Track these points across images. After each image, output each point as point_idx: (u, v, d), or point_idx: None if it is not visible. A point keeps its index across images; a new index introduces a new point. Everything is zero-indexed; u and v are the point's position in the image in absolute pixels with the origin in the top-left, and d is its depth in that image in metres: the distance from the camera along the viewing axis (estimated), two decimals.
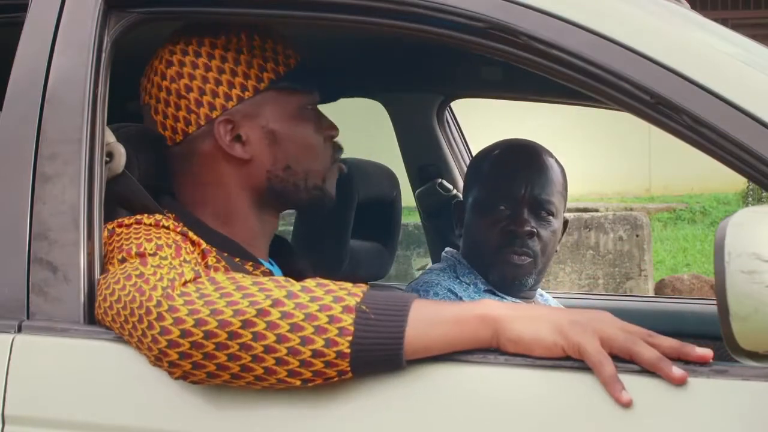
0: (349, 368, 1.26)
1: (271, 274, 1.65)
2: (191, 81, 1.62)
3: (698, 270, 8.36)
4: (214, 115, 1.62)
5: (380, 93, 2.75)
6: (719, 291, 1.15)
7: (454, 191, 2.70)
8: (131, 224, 1.52)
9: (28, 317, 1.43)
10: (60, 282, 1.43)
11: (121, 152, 1.57)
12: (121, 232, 1.50)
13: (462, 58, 2.27)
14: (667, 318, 2.63)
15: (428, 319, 1.27)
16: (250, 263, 1.62)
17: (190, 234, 1.55)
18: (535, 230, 2.08)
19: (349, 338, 1.25)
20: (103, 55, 1.53)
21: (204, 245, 1.56)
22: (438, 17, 1.40)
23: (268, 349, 1.26)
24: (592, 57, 1.33)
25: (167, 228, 1.52)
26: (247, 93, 1.62)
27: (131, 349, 1.37)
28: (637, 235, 6.96)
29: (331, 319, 1.26)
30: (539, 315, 1.26)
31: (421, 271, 2.70)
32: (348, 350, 1.25)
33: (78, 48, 1.52)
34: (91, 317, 1.42)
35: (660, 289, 7.13)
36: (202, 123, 1.62)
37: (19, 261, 1.45)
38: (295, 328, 1.25)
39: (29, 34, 1.55)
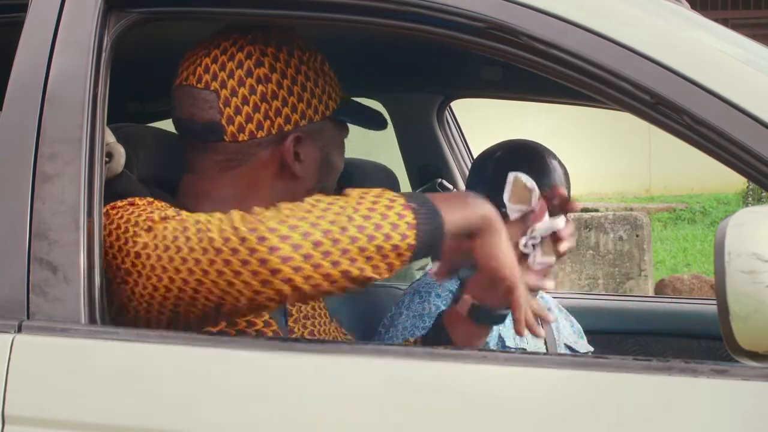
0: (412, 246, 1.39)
1: None
2: (279, 89, 1.62)
3: (698, 270, 8.36)
4: (287, 128, 1.63)
5: (380, 93, 2.74)
6: (719, 291, 1.15)
7: (454, 191, 2.70)
8: (124, 205, 1.51)
9: (28, 317, 1.43)
10: (60, 282, 1.43)
11: (120, 152, 1.57)
12: (120, 210, 1.50)
13: (462, 58, 2.27)
14: (667, 318, 2.64)
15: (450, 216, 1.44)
16: None
17: None
18: None
19: (413, 231, 1.39)
20: (103, 55, 1.53)
21: None
22: (438, 17, 1.40)
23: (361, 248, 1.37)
24: (592, 57, 1.33)
25: (162, 205, 1.53)
26: (317, 116, 1.66)
27: (131, 349, 1.37)
28: (637, 235, 6.96)
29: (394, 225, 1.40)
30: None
31: (421, 272, 2.70)
32: (413, 240, 1.39)
33: (78, 48, 1.52)
34: (91, 317, 1.42)
35: (660, 289, 7.13)
36: (274, 132, 1.63)
37: (19, 261, 1.45)
38: (377, 227, 1.39)
39: (29, 34, 1.55)
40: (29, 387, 1.39)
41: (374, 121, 1.78)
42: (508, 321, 2.07)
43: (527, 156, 2.15)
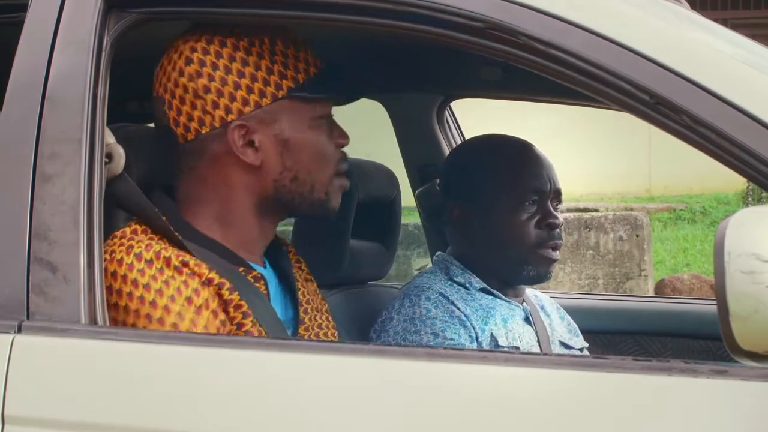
0: None
1: (262, 278, 1.64)
2: (210, 82, 1.60)
3: (698, 270, 8.36)
4: (229, 119, 1.61)
5: (380, 93, 2.74)
6: (719, 291, 1.15)
7: None
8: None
9: (28, 317, 1.43)
10: (60, 282, 1.43)
11: (120, 154, 1.56)
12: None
13: (462, 58, 2.27)
14: (667, 318, 2.63)
15: None
16: (242, 268, 1.62)
17: (191, 263, 1.55)
18: (561, 222, 2.11)
19: None
20: (103, 55, 1.53)
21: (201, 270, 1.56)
22: (437, 17, 1.40)
23: None
24: (592, 57, 1.33)
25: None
26: (265, 100, 1.61)
27: (131, 349, 1.37)
28: (637, 235, 6.96)
29: None
30: None
31: (418, 272, 2.70)
32: None
33: (78, 48, 1.52)
34: (91, 317, 1.42)
35: (660, 289, 7.13)
36: (217, 125, 1.61)
37: (19, 261, 1.45)
38: None
39: (29, 34, 1.55)
40: (29, 387, 1.39)
41: (343, 91, 1.70)
42: (500, 320, 2.07)
43: (528, 149, 2.16)
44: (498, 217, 2.12)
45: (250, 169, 1.63)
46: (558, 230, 2.10)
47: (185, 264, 1.54)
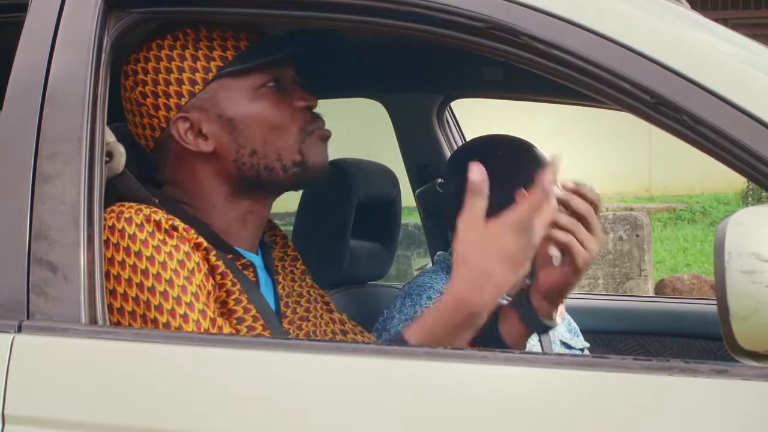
0: None
1: (251, 265, 1.65)
2: (144, 87, 1.63)
3: (698, 270, 8.36)
4: (171, 116, 1.62)
5: (380, 93, 2.74)
6: (719, 291, 1.15)
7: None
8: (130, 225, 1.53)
9: (28, 317, 1.43)
10: (60, 282, 1.43)
11: (121, 152, 1.57)
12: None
13: (462, 58, 2.27)
14: (667, 318, 2.64)
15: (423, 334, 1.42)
16: (230, 255, 1.62)
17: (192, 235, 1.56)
18: None
19: None
20: (103, 55, 1.53)
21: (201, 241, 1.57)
22: (438, 17, 1.40)
23: None
24: (592, 57, 1.33)
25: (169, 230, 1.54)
26: (197, 86, 1.62)
27: (131, 349, 1.37)
28: (637, 235, 6.96)
29: None
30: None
31: (419, 272, 2.70)
32: None
33: (78, 48, 1.52)
34: (91, 317, 1.42)
35: (660, 289, 7.13)
36: (164, 125, 1.63)
37: (19, 261, 1.45)
38: None
39: (29, 34, 1.55)
40: (29, 387, 1.39)
41: (277, 50, 1.64)
42: None
43: (527, 149, 2.16)
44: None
45: (209, 158, 1.63)
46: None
47: (175, 228, 1.54)
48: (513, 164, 2.14)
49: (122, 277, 1.51)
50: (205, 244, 1.57)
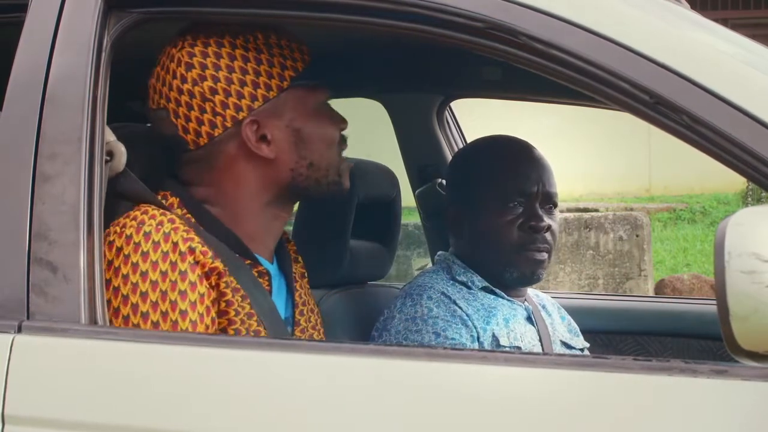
0: None
1: (267, 274, 1.65)
2: (215, 83, 1.61)
3: (698, 270, 8.36)
4: (240, 117, 1.61)
5: (380, 93, 2.74)
6: (719, 291, 1.15)
7: None
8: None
9: (28, 317, 1.43)
10: (60, 282, 1.43)
11: (121, 151, 1.57)
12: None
13: (462, 58, 2.27)
14: (667, 318, 2.63)
15: None
16: (249, 261, 1.62)
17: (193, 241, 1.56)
18: (550, 224, 2.10)
19: None
20: (103, 55, 1.53)
21: (202, 253, 1.56)
22: (438, 17, 1.40)
23: None
24: (591, 57, 1.33)
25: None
26: (272, 92, 1.63)
27: (131, 349, 1.37)
28: (637, 235, 6.96)
29: None
30: None
31: (420, 272, 2.70)
32: None
33: (78, 48, 1.52)
34: (91, 317, 1.42)
35: (660, 289, 7.13)
36: (229, 125, 1.62)
37: (19, 261, 1.45)
38: None
39: (29, 34, 1.55)
40: (29, 387, 1.39)
41: (336, 78, 1.70)
42: (502, 320, 2.07)
43: (525, 150, 2.16)
44: (484, 218, 2.13)
45: (266, 163, 1.64)
46: (542, 233, 2.09)
47: (192, 251, 1.54)
48: (500, 165, 2.14)
49: (120, 292, 1.51)
50: (221, 268, 1.56)
